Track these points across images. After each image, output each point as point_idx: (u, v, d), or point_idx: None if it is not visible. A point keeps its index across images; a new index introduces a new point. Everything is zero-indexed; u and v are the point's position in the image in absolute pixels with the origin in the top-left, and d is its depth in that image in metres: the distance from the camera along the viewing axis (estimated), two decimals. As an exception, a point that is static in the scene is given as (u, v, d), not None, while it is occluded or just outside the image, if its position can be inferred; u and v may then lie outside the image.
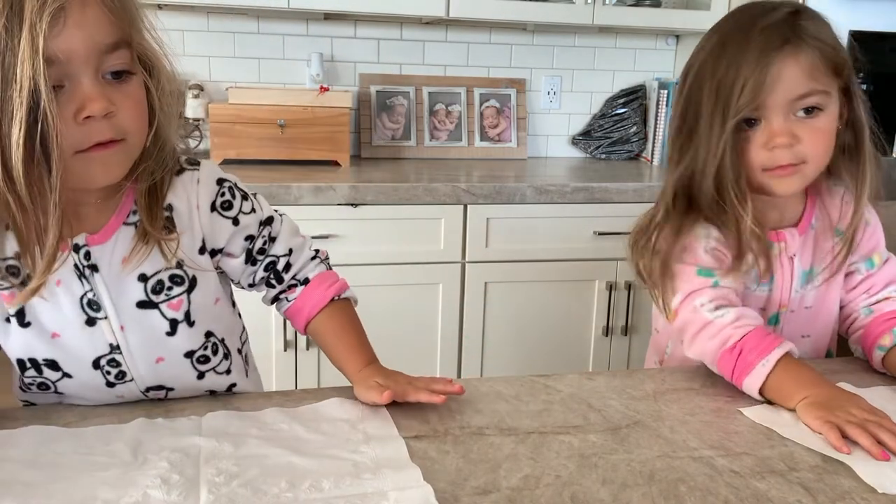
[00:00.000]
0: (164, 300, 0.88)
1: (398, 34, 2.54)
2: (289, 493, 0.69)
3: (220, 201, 0.91)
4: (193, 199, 0.89)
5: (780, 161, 0.98)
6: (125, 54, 0.75)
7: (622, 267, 2.22)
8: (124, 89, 0.76)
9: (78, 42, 0.71)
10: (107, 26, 0.73)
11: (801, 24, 0.98)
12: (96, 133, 0.74)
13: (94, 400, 0.89)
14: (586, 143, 2.74)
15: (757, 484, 0.75)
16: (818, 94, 0.97)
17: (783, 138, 0.97)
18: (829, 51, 0.98)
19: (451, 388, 0.89)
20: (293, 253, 0.98)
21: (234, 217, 0.92)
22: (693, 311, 1.01)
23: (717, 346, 0.97)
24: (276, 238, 0.97)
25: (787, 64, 0.95)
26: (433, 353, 2.16)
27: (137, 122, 0.78)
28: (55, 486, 0.70)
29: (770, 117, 0.97)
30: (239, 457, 0.75)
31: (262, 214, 0.96)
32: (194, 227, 0.89)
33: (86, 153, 0.75)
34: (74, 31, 0.70)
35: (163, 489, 0.69)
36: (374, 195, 2.00)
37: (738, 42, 0.97)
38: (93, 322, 0.86)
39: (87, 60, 0.72)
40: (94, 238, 0.84)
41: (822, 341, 1.15)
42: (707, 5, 2.47)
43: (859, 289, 1.12)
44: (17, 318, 0.84)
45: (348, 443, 0.79)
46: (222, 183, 0.92)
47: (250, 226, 0.94)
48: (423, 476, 0.73)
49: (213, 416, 0.84)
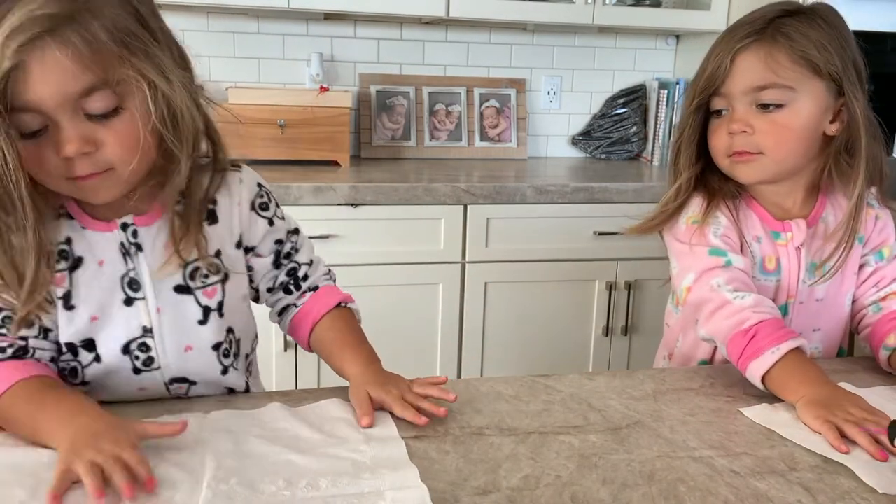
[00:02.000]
0: (199, 286, 0.91)
1: (398, 34, 2.54)
2: (286, 492, 0.69)
3: (259, 202, 0.96)
4: (235, 196, 0.93)
5: (736, 147, 1.05)
6: (103, 95, 0.75)
7: (622, 267, 2.22)
8: (109, 124, 0.77)
9: (43, 94, 0.72)
10: (74, 75, 0.72)
11: (784, 20, 1.02)
12: (77, 168, 0.77)
13: (115, 392, 0.90)
14: (586, 143, 2.74)
15: (757, 484, 0.75)
16: (779, 88, 1.02)
17: (738, 125, 1.04)
18: (804, 50, 1.00)
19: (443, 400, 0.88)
20: (313, 264, 1.03)
21: (269, 218, 0.97)
22: (711, 289, 1.03)
23: (733, 325, 0.98)
24: (300, 249, 1.02)
25: (748, 55, 1.02)
26: (433, 353, 2.16)
27: (124, 154, 0.78)
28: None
29: (734, 105, 1.05)
30: (239, 455, 0.75)
31: (290, 224, 1.01)
32: (233, 222, 0.93)
33: (74, 181, 0.78)
34: (38, 85, 0.71)
35: (162, 486, 0.69)
36: (374, 195, 2.00)
37: (723, 34, 1.07)
38: (130, 302, 0.88)
39: (60, 107, 0.73)
40: (141, 220, 0.88)
41: (834, 336, 1.16)
42: (707, 5, 2.47)
43: (869, 282, 1.13)
44: (63, 300, 0.86)
45: (348, 442, 0.79)
46: (261, 186, 0.97)
47: (281, 230, 0.99)
48: (422, 476, 0.73)
49: (217, 414, 0.84)
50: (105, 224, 0.86)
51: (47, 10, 0.70)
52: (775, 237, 1.09)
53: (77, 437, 0.72)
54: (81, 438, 0.72)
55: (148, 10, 0.79)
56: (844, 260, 1.08)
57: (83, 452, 0.70)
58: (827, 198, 1.12)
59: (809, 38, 1.00)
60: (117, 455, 0.69)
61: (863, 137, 1.03)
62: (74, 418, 0.75)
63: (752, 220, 1.10)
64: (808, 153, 1.06)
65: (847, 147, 1.06)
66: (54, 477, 0.68)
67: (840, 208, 1.11)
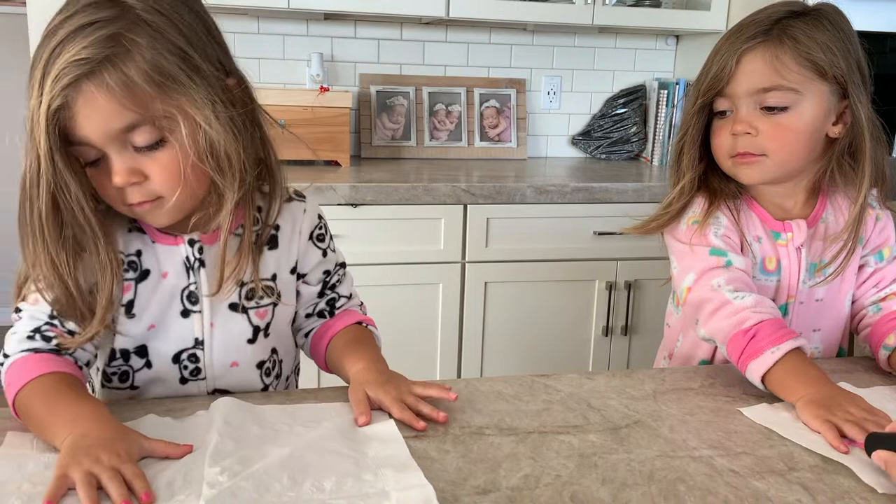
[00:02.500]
0: (253, 307, 0.96)
1: (398, 34, 2.54)
2: (291, 493, 0.69)
3: (318, 233, 1.01)
4: (298, 225, 0.98)
5: (739, 148, 1.05)
6: (145, 130, 0.79)
7: (622, 267, 2.23)
8: (154, 156, 0.81)
9: (90, 130, 0.77)
10: (114, 114, 0.77)
11: (790, 21, 1.01)
12: (129, 196, 0.83)
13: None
14: (586, 143, 2.74)
15: (756, 484, 0.75)
16: (784, 90, 1.01)
17: (742, 126, 1.04)
18: (811, 53, 1.00)
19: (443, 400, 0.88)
20: (352, 298, 1.06)
21: (324, 249, 1.02)
22: (712, 289, 1.03)
23: (733, 325, 0.98)
24: (343, 282, 1.05)
25: (754, 56, 1.02)
26: (433, 353, 2.16)
27: (169, 185, 0.82)
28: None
29: (738, 106, 1.04)
30: (242, 454, 0.75)
31: (339, 258, 1.05)
32: (292, 249, 0.98)
33: (130, 207, 0.84)
34: (84, 122, 0.77)
35: (166, 486, 0.69)
36: (374, 195, 2.00)
37: (729, 33, 1.06)
38: (187, 314, 0.93)
39: (107, 142, 0.79)
40: (206, 238, 0.92)
41: (834, 336, 1.16)
42: (707, 5, 2.47)
43: (869, 282, 1.13)
44: (125, 308, 0.90)
45: (350, 442, 0.79)
46: (321, 218, 1.02)
47: (332, 262, 1.03)
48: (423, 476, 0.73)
49: (220, 402, 0.84)
50: (173, 238, 0.91)
51: (85, 55, 0.75)
52: (775, 237, 1.09)
53: (78, 443, 0.72)
54: (82, 445, 0.72)
55: (194, 41, 0.81)
56: (847, 263, 1.08)
57: (81, 460, 0.70)
58: (827, 198, 1.12)
59: (815, 41, 1.00)
60: (115, 467, 0.69)
61: (867, 140, 1.03)
62: (81, 422, 0.76)
63: (753, 220, 1.10)
64: (810, 155, 1.06)
65: (850, 149, 1.06)
66: (50, 482, 0.68)
67: (840, 209, 1.11)
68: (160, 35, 0.78)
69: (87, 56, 0.74)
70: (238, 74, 0.88)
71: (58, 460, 0.71)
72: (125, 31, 0.76)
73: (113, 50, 0.75)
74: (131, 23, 0.77)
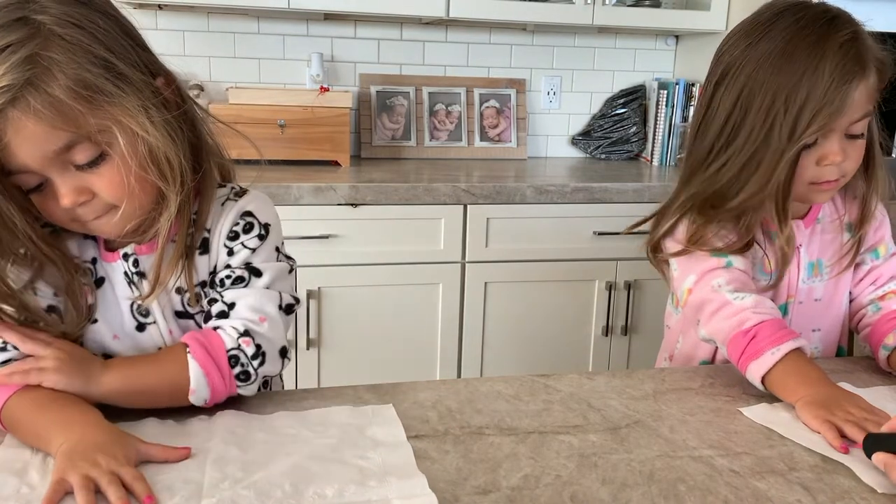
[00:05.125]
0: (198, 311, 0.92)
1: (398, 34, 2.54)
2: (292, 500, 0.69)
3: (232, 231, 0.91)
4: (219, 225, 0.91)
5: (827, 177, 1.00)
6: (83, 148, 0.77)
7: (622, 267, 2.23)
8: (98, 172, 0.79)
9: (26, 157, 0.75)
10: (47, 137, 0.74)
11: (868, 44, 0.97)
12: (81, 215, 0.81)
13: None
14: (586, 144, 2.74)
15: (756, 484, 0.75)
16: (870, 115, 1.00)
17: (838, 157, 0.98)
18: (883, 70, 0.99)
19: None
20: (232, 308, 0.88)
21: (231, 248, 0.91)
22: (712, 290, 1.02)
23: (733, 326, 0.98)
24: (244, 290, 0.89)
25: (860, 91, 0.96)
26: (433, 353, 2.16)
27: (120, 194, 0.80)
28: None
29: (830, 137, 0.98)
30: (245, 461, 0.74)
31: (257, 263, 0.90)
32: (213, 253, 0.91)
33: (83, 224, 0.83)
34: (18, 150, 0.74)
35: (166, 492, 0.69)
36: (374, 195, 2.00)
37: (810, 59, 0.95)
38: (142, 328, 0.92)
39: (46, 165, 0.76)
40: (142, 249, 0.89)
41: (833, 335, 1.16)
42: (707, 5, 2.48)
43: (866, 280, 1.13)
44: (87, 310, 0.90)
45: (356, 448, 0.78)
46: (247, 215, 0.92)
47: (237, 258, 0.90)
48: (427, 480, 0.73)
49: (223, 415, 0.84)
50: (112, 254, 0.90)
51: (5, 82, 0.71)
52: (774, 238, 1.09)
53: (75, 447, 0.72)
54: (79, 449, 0.71)
55: (114, 47, 0.77)
56: (851, 265, 1.09)
57: (79, 464, 0.69)
58: None
59: (883, 58, 0.98)
60: (114, 470, 0.69)
61: (877, 143, 1.04)
62: (75, 426, 0.75)
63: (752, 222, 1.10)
64: None
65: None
66: (48, 488, 0.68)
67: (831, 205, 1.12)
68: (77, 48, 0.74)
69: (7, 83, 0.71)
70: (165, 72, 0.84)
71: (55, 465, 0.71)
72: (40, 51, 0.72)
73: (32, 72, 0.72)
74: (45, 40, 0.73)
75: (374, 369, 2.10)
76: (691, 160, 1.08)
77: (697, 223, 1.05)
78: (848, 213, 1.12)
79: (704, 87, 1.08)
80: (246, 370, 0.85)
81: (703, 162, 1.05)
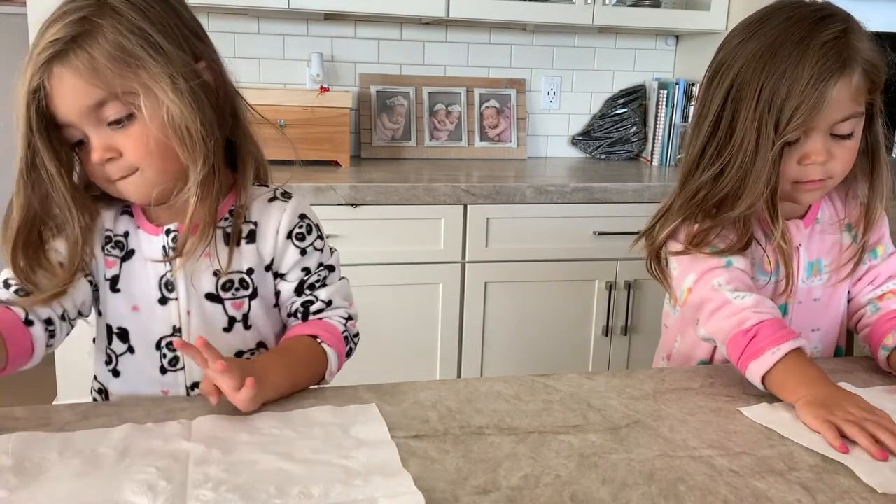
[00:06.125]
0: (230, 298, 0.98)
1: (398, 34, 2.54)
2: (277, 500, 0.68)
3: (297, 232, 1.00)
4: (275, 223, 0.99)
5: (811, 176, 1.00)
6: (114, 106, 0.85)
7: (622, 267, 2.23)
8: (126, 132, 0.87)
9: (66, 109, 0.85)
10: (83, 91, 0.83)
11: (855, 44, 0.96)
12: (109, 173, 0.89)
13: (139, 391, 0.99)
14: (586, 144, 2.74)
15: (756, 483, 0.75)
16: (857, 116, 0.99)
17: (820, 156, 0.98)
18: (873, 71, 0.98)
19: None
20: (332, 306, 1.02)
21: (303, 248, 1.00)
22: (712, 289, 1.02)
23: (733, 325, 0.98)
24: (328, 287, 1.02)
25: (840, 89, 0.95)
26: (433, 353, 2.16)
27: (144, 158, 0.88)
28: (39, 494, 0.68)
29: (812, 135, 0.98)
30: (228, 463, 0.74)
31: (326, 259, 1.03)
32: (268, 246, 0.99)
33: (112, 183, 0.90)
34: (60, 102, 0.84)
35: (148, 496, 0.68)
36: (374, 195, 2.00)
37: (792, 56, 0.95)
38: (165, 301, 0.97)
39: (83, 119, 0.85)
40: (183, 228, 0.93)
41: (832, 335, 1.16)
42: (707, 5, 2.48)
43: (864, 279, 1.13)
44: (110, 282, 0.97)
45: (340, 448, 0.78)
46: (305, 217, 1.01)
47: (313, 261, 1.01)
48: (422, 475, 0.73)
49: (203, 419, 0.83)
50: (154, 228, 0.96)
51: (56, 36, 0.82)
52: (773, 238, 1.09)
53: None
54: None
55: (158, 25, 0.86)
56: (852, 274, 1.10)
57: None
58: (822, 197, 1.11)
59: (872, 59, 0.98)
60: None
61: (882, 146, 1.04)
62: None
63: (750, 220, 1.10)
64: None
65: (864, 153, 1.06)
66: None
67: (830, 205, 1.12)
68: (125, 19, 0.84)
69: (58, 37, 0.81)
70: (211, 60, 0.93)
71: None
72: (92, 16, 0.83)
73: (80, 31, 0.82)
74: (100, 9, 0.83)
75: (373, 369, 2.09)
76: (687, 159, 1.08)
77: (700, 228, 1.05)
78: (848, 213, 1.12)
79: (701, 85, 1.08)
80: (350, 347, 1.02)
81: (697, 161, 1.05)
